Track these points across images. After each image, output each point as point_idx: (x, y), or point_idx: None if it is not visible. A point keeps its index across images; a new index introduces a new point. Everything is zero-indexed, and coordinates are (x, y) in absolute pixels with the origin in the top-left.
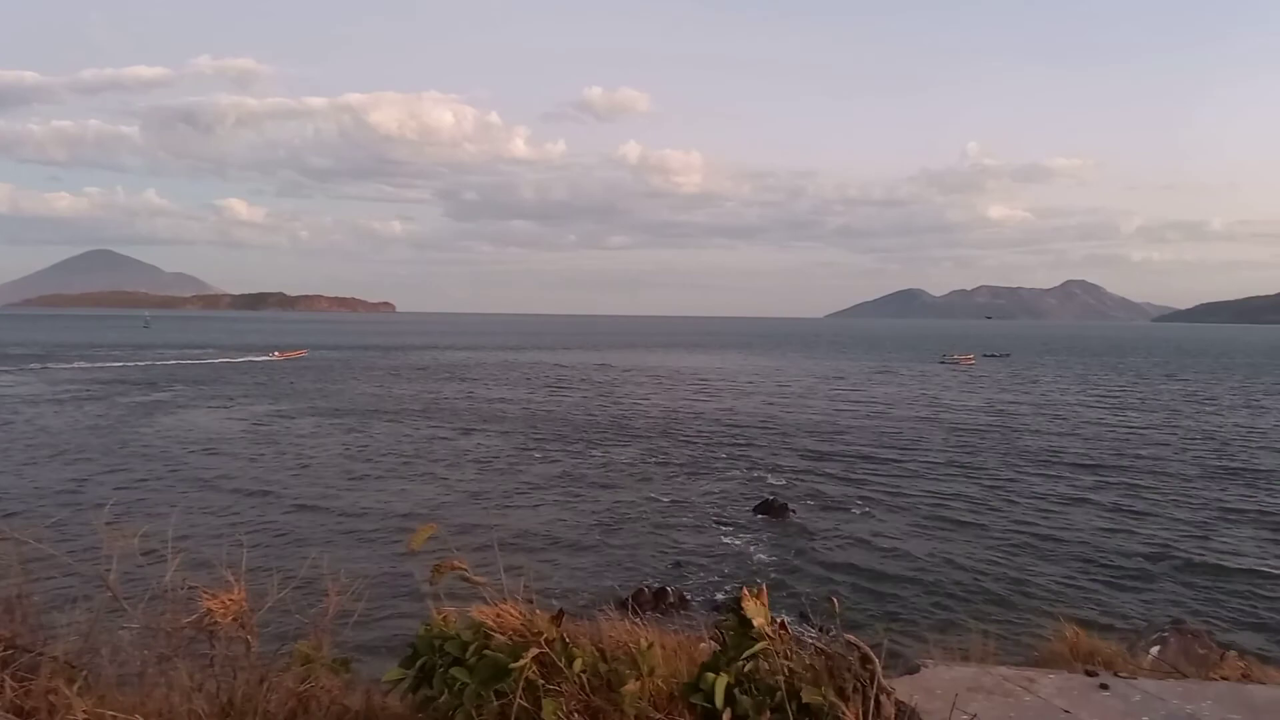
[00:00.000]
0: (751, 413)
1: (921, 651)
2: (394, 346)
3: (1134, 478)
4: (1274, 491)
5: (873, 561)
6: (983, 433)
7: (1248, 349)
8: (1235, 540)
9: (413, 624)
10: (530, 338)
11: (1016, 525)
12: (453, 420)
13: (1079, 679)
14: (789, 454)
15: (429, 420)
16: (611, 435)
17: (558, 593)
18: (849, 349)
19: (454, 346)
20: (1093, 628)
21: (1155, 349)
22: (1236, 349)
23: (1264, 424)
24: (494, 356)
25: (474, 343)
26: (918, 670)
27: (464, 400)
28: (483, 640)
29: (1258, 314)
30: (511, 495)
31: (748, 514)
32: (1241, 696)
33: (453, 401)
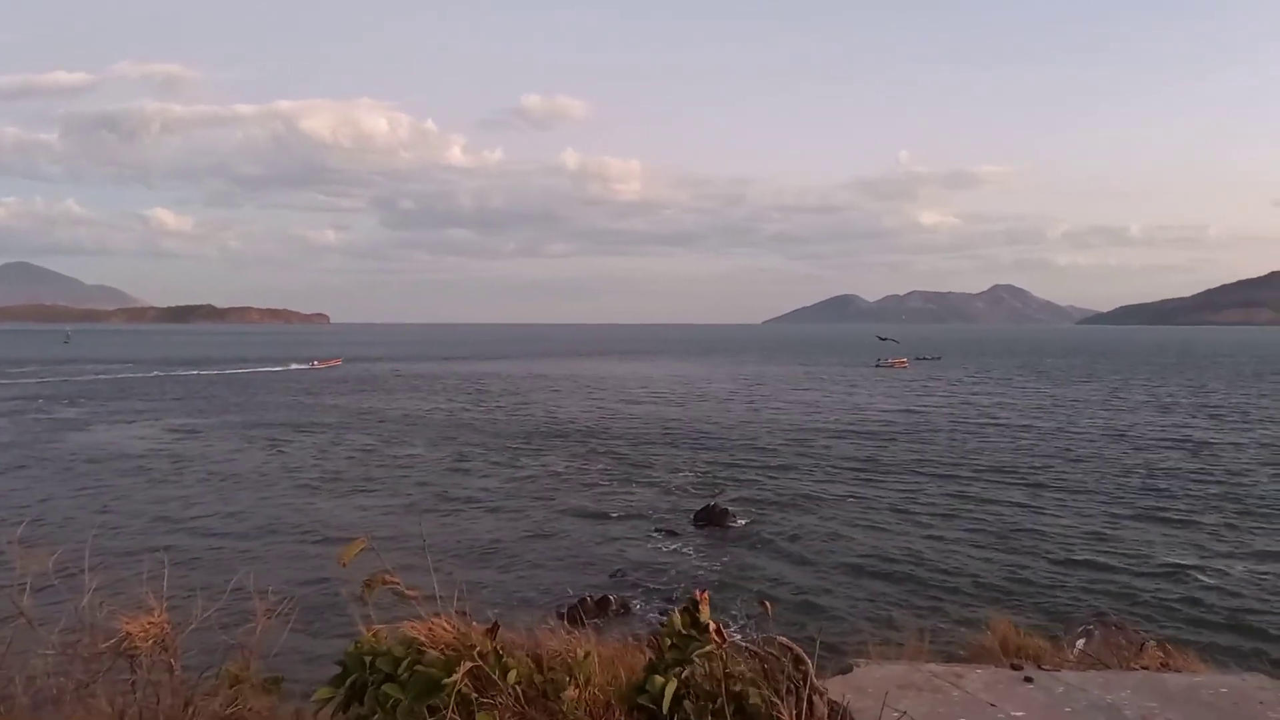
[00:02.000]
0: (690, 419)
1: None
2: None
3: (1055, 477)
4: (1180, 488)
5: (810, 564)
6: (913, 435)
7: (1162, 350)
8: (1150, 535)
9: (345, 641)
10: (468, 347)
11: (947, 525)
12: (385, 432)
13: (1005, 673)
14: (728, 460)
15: (360, 432)
16: (548, 444)
17: (494, 604)
18: (786, 354)
19: (388, 357)
20: (1022, 624)
21: (1076, 351)
22: (1151, 350)
23: (1167, 421)
24: (430, 367)
25: (410, 353)
26: (850, 670)
27: (396, 411)
28: (415, 655)
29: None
30: (445, 506)
31: (688, 521)
32: (1157, 685)
33: (384, 413)
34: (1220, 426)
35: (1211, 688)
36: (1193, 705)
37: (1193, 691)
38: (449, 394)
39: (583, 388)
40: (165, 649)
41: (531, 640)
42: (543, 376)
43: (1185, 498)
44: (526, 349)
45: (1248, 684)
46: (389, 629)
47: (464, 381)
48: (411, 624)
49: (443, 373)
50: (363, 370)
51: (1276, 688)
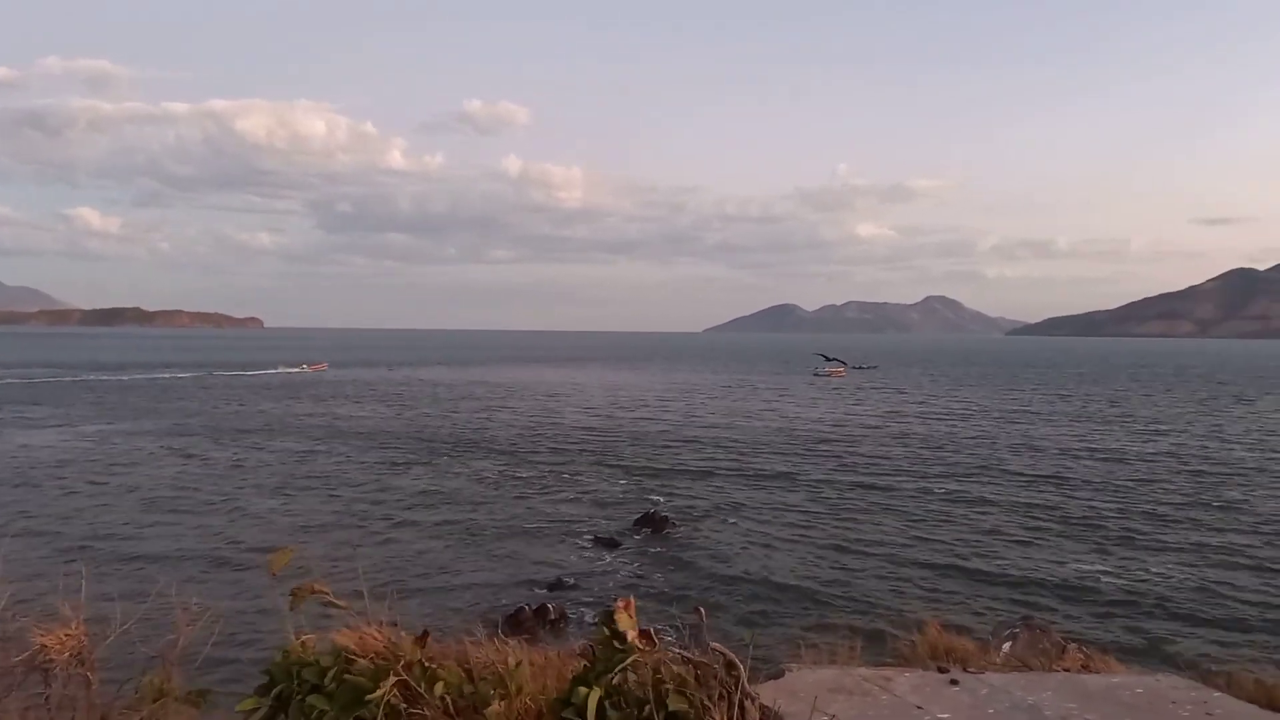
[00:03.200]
0: (627, 427)
1: (789, 656)
2: (257, 363)
3: (979, 484)
4: (1098, 495)
5: (745, 570)
6: (845, 443)
7: (1085, 360)
8: (1070, 540)
9: (272, 652)
10: (405, 353)
11: (878, 532)
12: (315, 439)
13: (932, 676)
14: (665, 468)
15: (290, 439)
16: (482, 452)
17: (428, 614)
18: (727, 363)
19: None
20: (952, 627)
21: (1004, 361)
22: (1075, 361)
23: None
24: (365, 373)
25: (345, 358)
26: (782, 674)
27: (328, 418)
28: (343, 665)
29: (1099, 327)
30: (377, 514)
31: (628, 527)
32: (1077, 686)
33: (316, 419)
34: (1134, 436)
35: (1128, 688)
36: (1110, 705)
37: (1110, 692)
38: (383, 400)
39: (520, 395)
40: (82, 662)
41: (462, 650)
42: (480, 384)
43: (1103, 505)
44: (465, 356)
45: (1161, 684)
46: (318, 639)
47: (399, 388)
48: (341, 633)
49: (377, 379)
50: (294, 376)
51: (1188, 687)
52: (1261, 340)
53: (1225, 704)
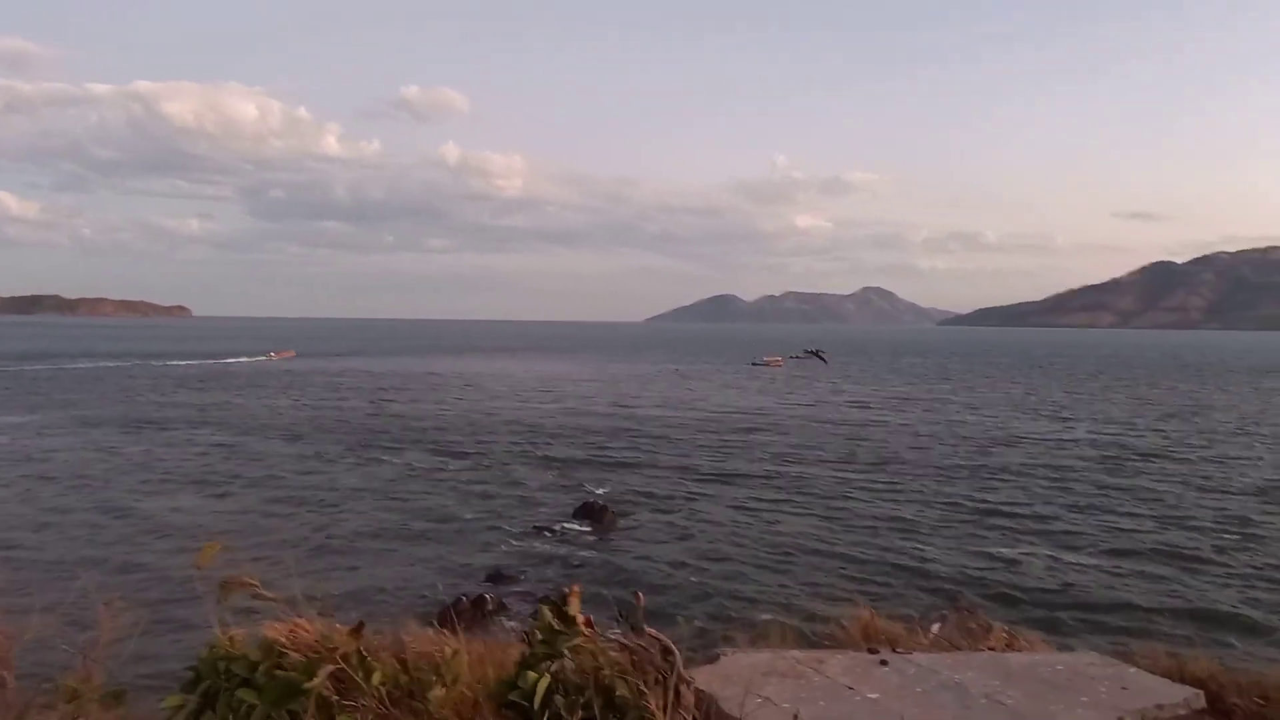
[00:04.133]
0: (568, 418)
1: (725, 641)
2: (185, 353)
3: (909, 470)
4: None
5: (685, 558)
6: (783, 431)
7: (1011, 350)
8: (996, 526)
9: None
10: (339, 343)
11: (812, 518)
12: (243, 430)
13: (863, 657)
14: (606, 457)
15: (217, 431)
16: (418, 443)
17: (363, 607)
18: (667, 352)
19: (252, 352)
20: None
21: (934, 350)
22: (1001, 350)
23: (1007, 418)
24: (296, 363)
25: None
26: (718, 659)
27: (259, 409)
28: (274, 659)
29: (1026, 318)
30: (308, 506)
31: (567, 517)
32: (1000, 664)
33: (243, 410)
34: (1053, 424)
35: (1049, 665)
36: (1031, 682)
37: (1032, 669)
38: (315, 390)
39: (456, 386)
40: None
41: (398, 641)
42: (415, 374)
43: (1024, 491)
44: (401, 345)
45: (1080, 661)
46: (247, 633)
47: (331, 378)
48: (271, 626)
49: (310, 369)
50: (220, 366)
51: (1104, 663)
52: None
53: (1139, 679)
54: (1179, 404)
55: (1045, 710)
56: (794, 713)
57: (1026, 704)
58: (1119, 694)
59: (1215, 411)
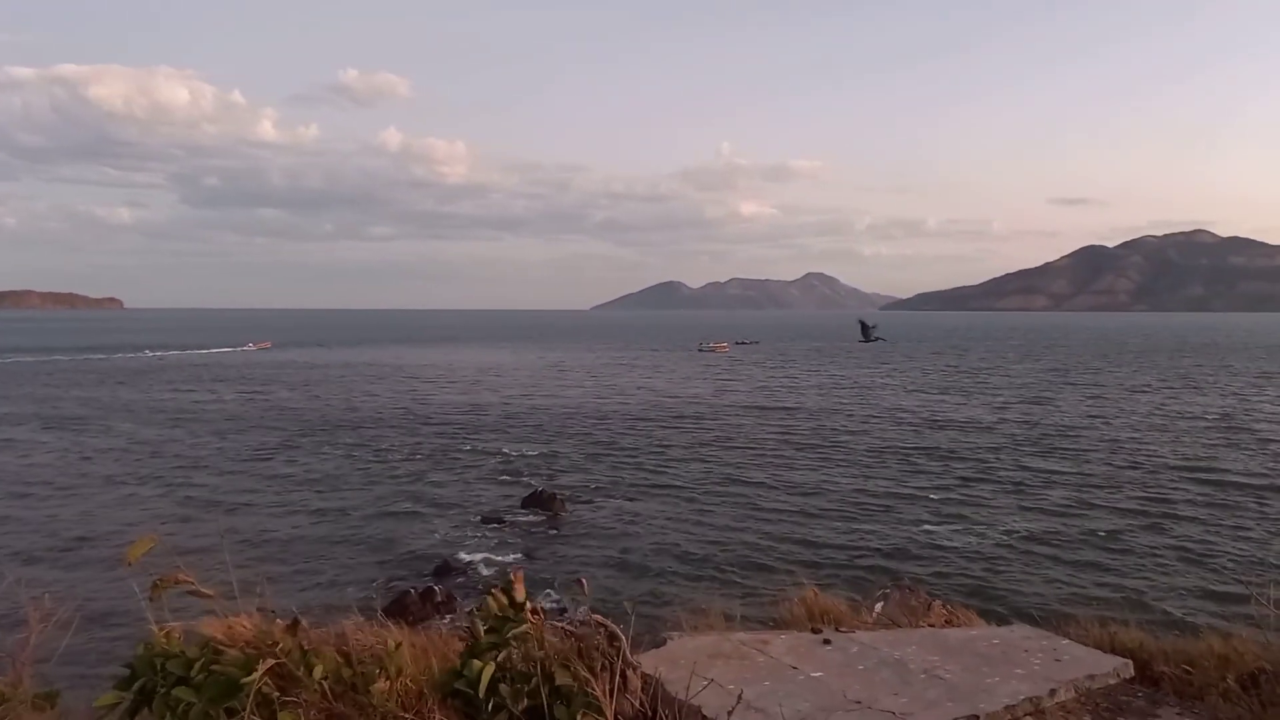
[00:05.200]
0: (514, 406)
1: (672, 625)
2: (117, 347)
3: (849, 453)
4: (955, 462)
5: (633, 544)
6: (728, 416)
7: (950, 334)
8: (935, 505)
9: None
10: (277, 334)
11: (760, 502)
12: (179, 425)
13: (806, 637)
14: (556, 445)
15: (148, 426)
16: (362, 435)
17: (306, 602)
18: (613, 340)
19: (188, 345)
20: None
21: None
22: (942, 333)
23: (945, 400)
24: (232, 356)
25: (212, 340)
26: (664, 643)
27: (193, 403)
28: (211, 656)
29: (965, 302)
30: (246, 500)
31: (515, 507)
32: (939, 640)
33: (180, 404)
34: (986, 405)
35: (985, 640)
36: (968, 656)
37: (969, 644)
38: (251, 383)
39: (399, 376)
40: None
41: (340, 635)
42: (357, 364)
43: (960, 470)
44: (341, 336)
45: (1014, 634)
46: (183, 629)
47: (268, 370)
48: (208, 623)
49: (245, 361)
50: (154, 359)
51: (1038, 636)
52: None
53: (1071, 650)
54: (1105, 385)
55: (981, 683)
56: (738, 693)
57: (964, 677)
58: (1052, 665)
59: (1140, 393)
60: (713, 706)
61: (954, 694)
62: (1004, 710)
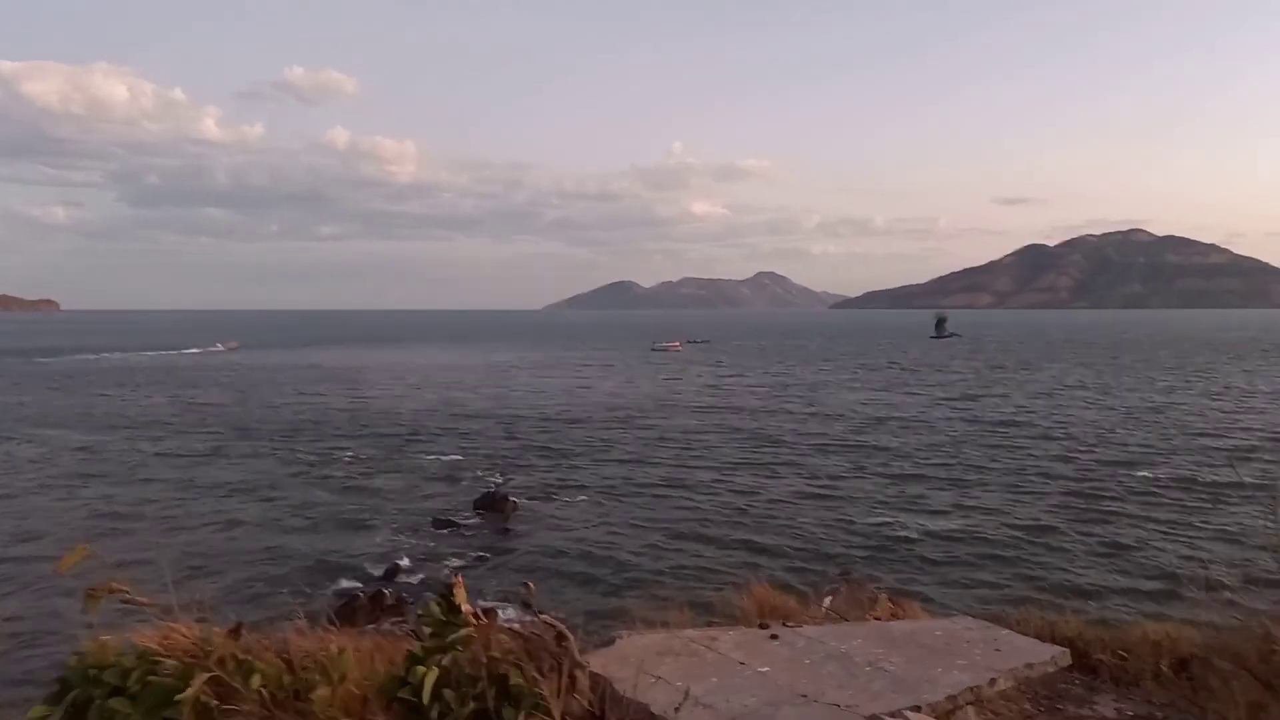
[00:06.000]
0: (464, 407)
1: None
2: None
3: (802, 452)
4: (901, 458)
5: (586, 543)
6: (677, 415)
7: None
8: (881, 500)
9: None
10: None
11: (710, 501)
12: (113, 429)
13: (754, 633)
14: (507, 446)
15: (83, 431)
16: (307, 437)
17: (250, 608)
18: (566, 340)
19: (127, 348)
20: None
21: (823, 333)
22: (887, 332)
23: (887, 398)
24: (166, 358)
25: (153, 342)
26: (613, 642)
27: (130, 406)
28: (148, 666)
29: (911, 300)
30: (185, 507)
31: (467, 508)
32: (884, 633)
33: (115, 408)
34: (930, 400)
35: (929, 631)
36: (912, 647)
37: (913, 636)
38: (184, 386)
39: (343, 378)
40: None
41: (282, 642)
42: (300, 367)
43: (905, 466)
44: (284, 338)
45: (957, 625)
46: (118, 639)
47: (208, 372)
48: (143, 632)
49: (180, 364)
50: (85, 363)
51: (980, 627)
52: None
53: (1011, 640)
54: (1044, 380)
55: (925, 674)
56: (685, 689)
57: (907, 669)
58: (992, 655)
59: (1077, 389)
60: (661, 704)
61: (898, 685)
62: (946, 700)
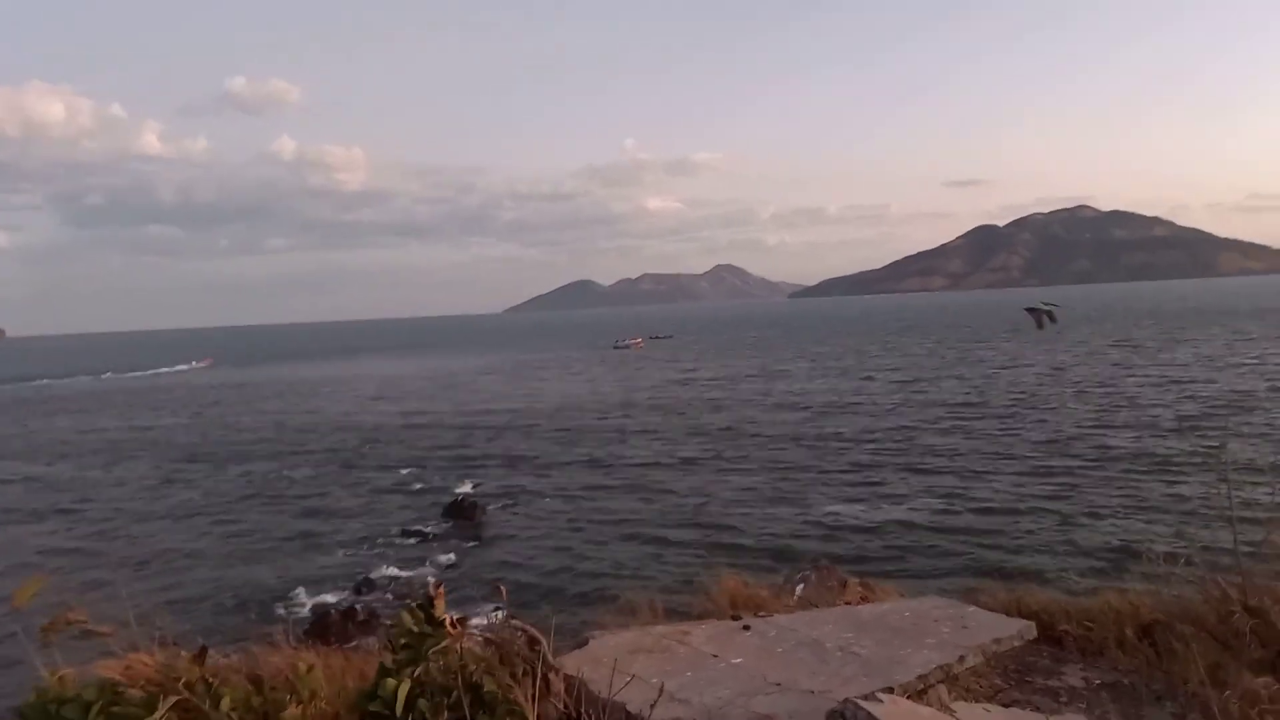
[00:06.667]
0: (426, 415)
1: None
2: None
3: (760, 442)
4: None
5: (557, 546)
6: (642, 411)
7: (854, 319)
8: (846, 487)
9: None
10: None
11: (678, 498)
12: (65, 457)
13: (726, 625)
14: (473, 452)
15: (34, 459)
16: (266, 454)
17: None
18: (527, 342)
19: (77, 372)
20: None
21: (779, 323)
22: (846, 319)
23: (846, 385)
24: (113, 382)
25: (103, 365)
26: (586, 643)
27: (79, 433)
28: (110, 697)
29: (868, 286)
30: (143, 531)
31: (436, 517)
32: (853, 617)
33: (64, 435)
34: (888, 385)
35: (898, 613)
36: (881, 630)
37: (882, 618)
38: (136, 408)
39: (300, 392)
40: None
41: (250, 662)
42: (257, 383)
43: (867, 452)
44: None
45: (926, 606)
46: (78, 672)
47: (161, 392)
48: (106, 663)
49: (129, 386)
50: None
51: (946, 606)
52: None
53: (978, 616)
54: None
55: (895, 655)
56: (660, 686)
57: (877, 651)
58: (960, 633)
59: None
60: (636, 702)
61: (869, 668)
62: (917, 680)
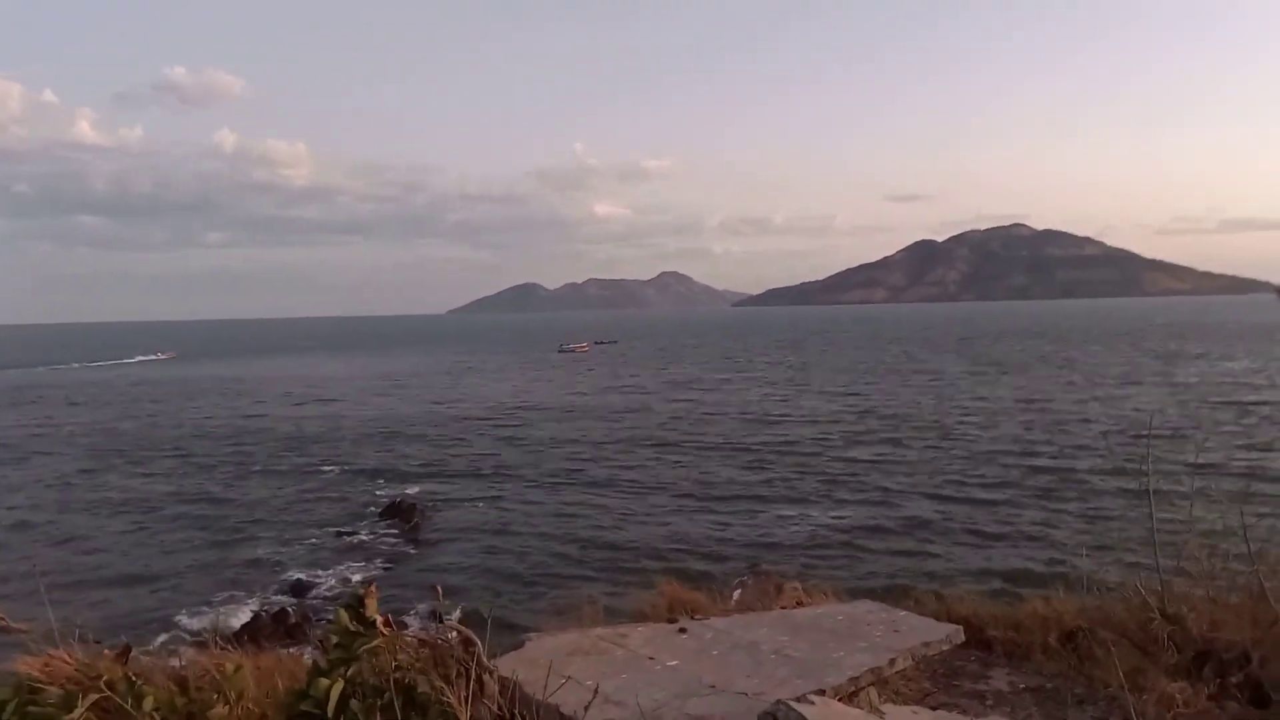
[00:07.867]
0: (366, 415)
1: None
2: None
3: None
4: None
5: (495, 549)
6: (585, 416)
7: (794, 328)
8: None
9: None
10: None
11: (615, 502)
12: None
13: (663, 628)
14: (412, 453)
15: None
16: (197, 452)
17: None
18: (469, 344)
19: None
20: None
21: (723, 331)
22: (785, 329)
23: (781, 394)
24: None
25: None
26: (523, 644)
27: None
28: (27, 696)
29: (811, 296)
30: (62, 529)
31: (374, 518)
32: (789, 620)
33: None
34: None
35: (832, 616)
36: (816, 633)
37: (816, 621)
38: (53, 405)
39: (236, 390)
40: None
41: (174, 663)
42: (192, 379)
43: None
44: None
45: (859, 609)
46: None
47: (86, 388)
48: (23, 660)
49: (44, 381)
50: None
51: (880, 610)
52: (939, 304)
53: (909, 620)
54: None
55: (828, 658)
56: (595, 687)
57: (811, 653)
58: (891, 636)
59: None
60: (570, 704)
61: (802, 670)
62: (848, 682)
